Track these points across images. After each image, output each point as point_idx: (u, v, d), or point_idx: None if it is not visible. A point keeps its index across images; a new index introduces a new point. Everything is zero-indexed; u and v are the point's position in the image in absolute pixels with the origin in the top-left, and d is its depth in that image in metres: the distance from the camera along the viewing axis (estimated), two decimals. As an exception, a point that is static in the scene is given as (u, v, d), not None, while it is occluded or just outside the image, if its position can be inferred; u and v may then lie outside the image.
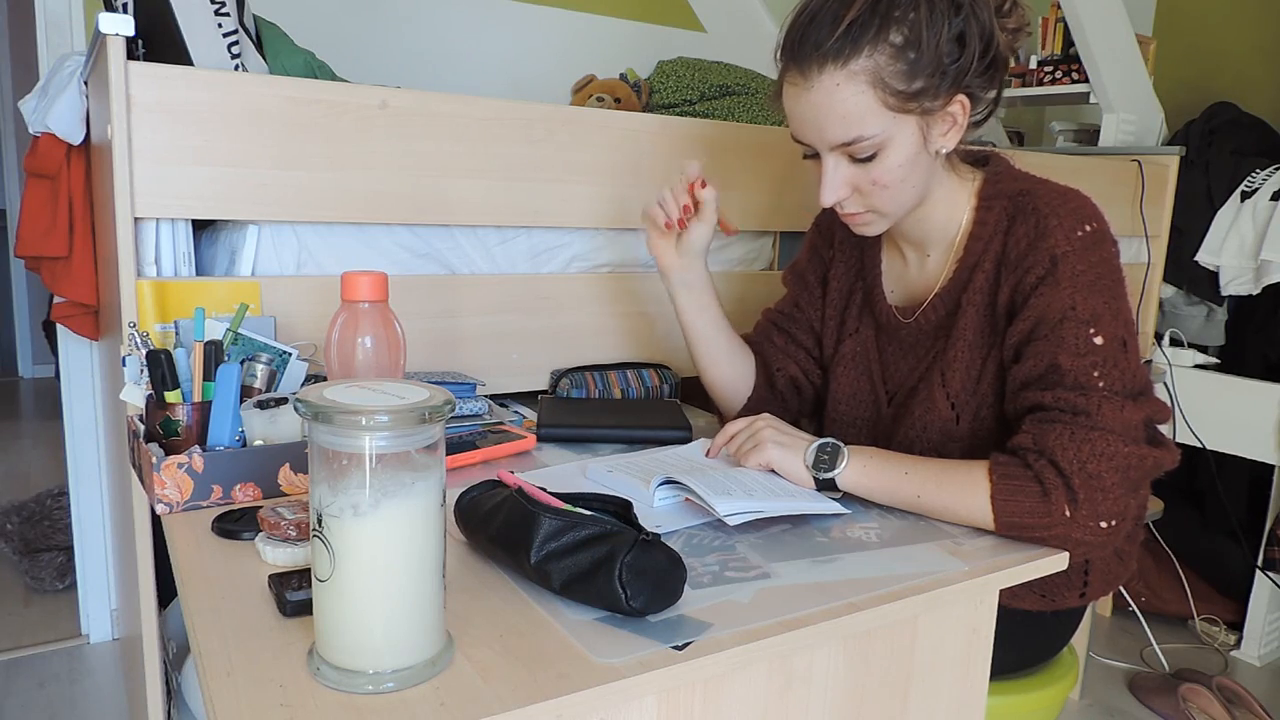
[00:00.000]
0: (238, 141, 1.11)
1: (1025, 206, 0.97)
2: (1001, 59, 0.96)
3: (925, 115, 0.93)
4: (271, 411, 0.93)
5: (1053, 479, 0.86)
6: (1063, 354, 0.91)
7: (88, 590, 2.08)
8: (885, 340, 1.13)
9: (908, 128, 0.93)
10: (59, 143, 1.52)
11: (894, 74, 0.90)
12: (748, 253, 1.62)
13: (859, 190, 0.98)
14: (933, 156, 0.97)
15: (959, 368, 1.02)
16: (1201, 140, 2.17)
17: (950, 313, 1.04)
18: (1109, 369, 0.90)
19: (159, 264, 1.12)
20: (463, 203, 1.27)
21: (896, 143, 0.93)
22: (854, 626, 0.71)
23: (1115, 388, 0.90)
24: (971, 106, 0.96)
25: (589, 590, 0.67)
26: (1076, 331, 0.91)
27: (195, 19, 1.21)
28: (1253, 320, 2.17)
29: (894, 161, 0.94)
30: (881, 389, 1.13)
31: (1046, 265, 0.93)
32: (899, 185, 0.96)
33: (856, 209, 1.00)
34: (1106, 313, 0.92)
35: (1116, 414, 0.88)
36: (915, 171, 0.96)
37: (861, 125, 0.92)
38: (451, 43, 2.19)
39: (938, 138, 0.96)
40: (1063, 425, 0.88)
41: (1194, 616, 2.23)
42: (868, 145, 0.93)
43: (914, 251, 1.10)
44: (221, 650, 0.62)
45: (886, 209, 0.99)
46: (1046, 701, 1.14)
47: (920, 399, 1.05)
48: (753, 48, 2.56)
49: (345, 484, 0.57)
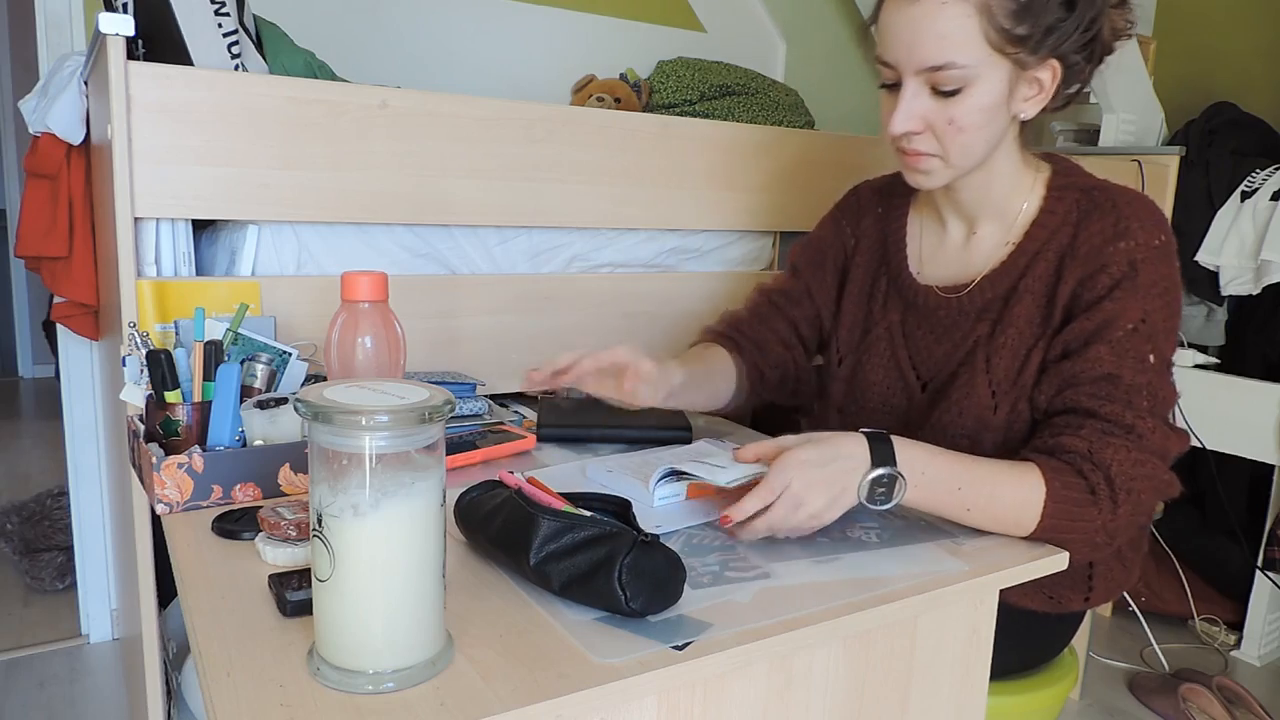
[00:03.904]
0: (238, 141, 1.11)
1: (1102, 202, 0.95)
2: (1101, 43, 0.95)
3: (1017, 67, 0.91)
4: (271, 411, 0.93)
5: (1104, 490, 0.86)
6: (1125, 367, 0.90)
7: (88, 590, 2.08)
8: (915, 322, 1.08)
9: (998, 72, 0.91)
10: (59, 143, 1.52)
11: (1003, 10, 0.88)
12: (748, 253, 1.62)
13: (932, 128, 0.94)
14: (1010, 119, 0.96)
15: (1006, 355, 0.99)
16: (1201, 140, 2.17)
17: (1003, 297, 1.01)
18: (1155, 391, 0.91)
19: (159, 264, 1.12)
20: (463, 203, 1.27)
21: (983, 84, 0.90)
22: (854, 626, 0.71)
23: (1158, 411, 0.90)
24: (1060, 81, 0.94)
25: (588, 591, 0.67)
26: (1141, 347, 0.91)
27: (195, 19, 1.21)
28: (1253, 320, 2.16)
29: (976, 104, 0.91)
30: (912, 374, 1.08)
31: (1125, 268, 0.92)
32: (973, 132, 0.93)
33: (924, 148, 0.96)
34: (1164, 332, 0.92)
35: (1161, 440, 0.89)
36: (992, 125, 0.94)
37: (956, 50, 0.89)
38: (451, 43, 2.19)
39: (1021, 100, 0.94)
40: (1119, 440, 0.88)
41: (1194, 616, 2.23)
42: (956, 76, 0.90)
43: (960, 225, 1.07)
44: (221, 650, 0.62)
45: (953, 157, 0.95)
46: (1046, 702, 1.14)
47: (960, 384, 1.01)
48: (753, 48, 2.56)
49: (345, 484, 0.57)
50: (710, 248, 1.58)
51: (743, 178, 1.52)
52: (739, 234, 1.59)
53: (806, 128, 2.15)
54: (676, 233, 1.53)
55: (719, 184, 1.50)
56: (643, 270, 1.51)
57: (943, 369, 1.05)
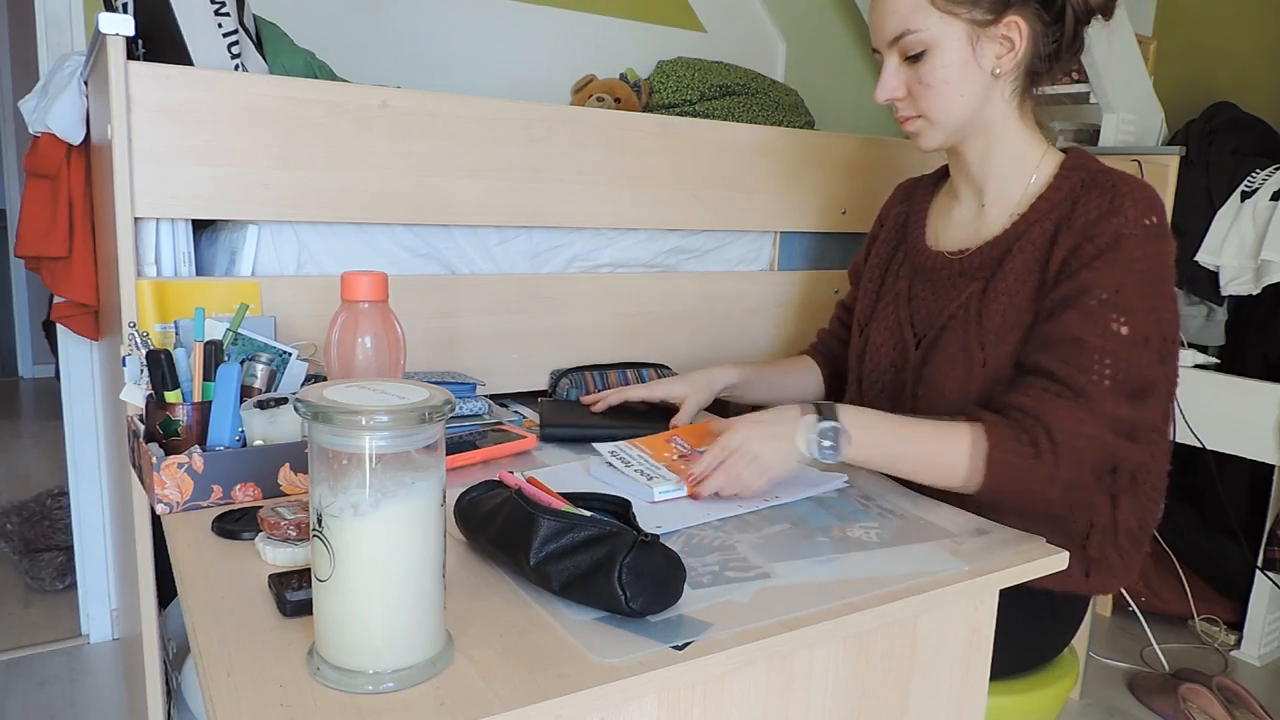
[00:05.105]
0: (238, 141, 1.11)
1: (1103, 182, 1.01)
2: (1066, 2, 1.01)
3: (975, 26, 1.00)
4: (271, 411, 0.93)
5: (1045, 444, 0.93)
6: (1090, 333, 0.95)
7: (88, 590, 2.08)
8: (920, 284, 1.16)
9: (955, 31, 1.00)
10: (59, 143, 1.52)
11: None
12: (748, 253, 1.62)
13: (911, 92, 1.05)
14: (988, 77, 1.03)
15: (995, 311, 1.04)
16: (1201, 140, 2.17)
17: (999, 259, 1.07)
18: (1121, 361, 0.95)
19: (159, 264, 1.12)
20: (463, 203, 1.27)
21: (943, 45, 1.01)
22: (854, 626, 0.71)
23: (1119, 380, 0.95)
24: (1030, 38, 1.01)
25: (588, 591, 0.67)
26: (1111, 316, 0.95)
27: (195, 19, 1.21)
28: (1253, 320, 2.16)
29: (940, 62, 1.01)
30: (909, 332, 1.15)
31: (1109, 240, 0.97)
32: (943, 88, 1.02)
33: (909, 112, 1.07)
34: (1141, 307, 0.96)
35: (1114, 407, 0.94)
36: (965, 82, 1.02)
37: (909, 19, 1.00)
38: (451, 43, 2.19)
39: (993, 58, 1.02)
40: (1068, 400, 0.94)
41: (1194, 616, 2.23)
42: (915, 40, 1.01)
43: (972, 197, 1.13)
44: (221, 650, 0.62)
45: (934, 115, 1.04)
46: (1046, 701, 1.14)
47: (950, 336, 1.07)
48: (753, 48, 2.56)
49: (345, 484, 0.57)
50: (710, 248, 1.58)
51: (743, 178, 1.52)
52: (739, 234, 1.59)
53: (806, 128, 2.15)
54: (676, 233, 1.53)
55: (719, 184, 1.50)
56: (643, 270, 1.51)
57: (936, 323, 1.11)
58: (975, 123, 1.06)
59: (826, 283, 1.66)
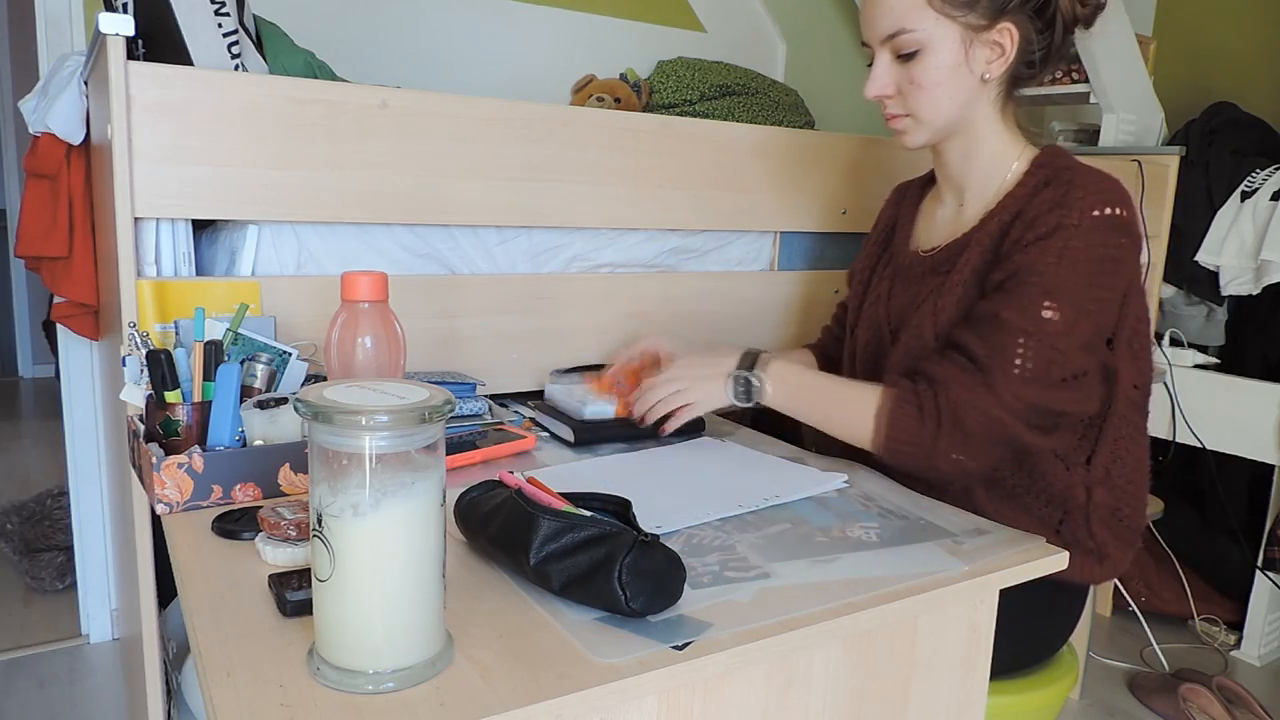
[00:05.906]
0: (238, 141, 1.11)
1: (1062, 177, 1.02)
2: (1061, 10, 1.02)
3: (969, 30, 1.01)
4: (271, 411, 0.93)
5: (930, 409, 0.97)
6: (1009, 312, 0.97)
7: (88, 590, 2.08)
8: (899, 283, 1.18)
9: (949, 33, 1.01)
10: (59, 143, 1.52)
11: None
12: (748, 253, 1.62)
13: (900, 91, 1.06)
14: (978, 81, 1.04)
15: (951, 300, 1.06)
16: (1201, 140, 2.17)
17: (959, 252, 1.09)
18: (1036, 346, 0.96)
19: (159, 264, 1.12)
20: (463, 203, 1.27)
21: (936, 46, 1.01)
22: (854, 626, 0.71)
23: (1028, 366, 0.96)
24: (1020, 44, 1.02)
25: (588, 592, 0.67)
26: (1035, 298, 0.96)
27: (195, 19, 1.21)
28: (1253, 320, 2.17)
29: (932, 63, 1.02)
30: (886, 330, 1.18)
31: (1049, 229, 0.98)
32: (933, 89, 1.03)
33: (897, 110, 1.08)
34: (1072, 293, 0.96)
35: (1017, 387, 0.96)
36: (954, 84, 1.03)
37: (905, 17, 1.01)
38: (451, 43, 2.19)
39: (983, 62, 1.03)
40: (968, 374, 0.98)
41: (1194, 616, 2.23)
42: (909, 40, 1.01)
43: (953, 196, 1.16)
44: (221, 650, 0.62)
45: (923, 115, 1.05)
46: (1046, 701, 1.14)
47: (911, 327, 1.10)
48: (753, 48, 2.56)
49: (345, 484, 0.57)
50: (710, 248, 1.58)
51: (743, 178, 1.52)
52: (739, 234, 1.59)
53: (806, 128, 2.15)
54: (676, 233, 1.52)
55: (719, 184, 1.50)
56: (643, 270, 1.51)
57: (904, 317, 1.14)
58: (959, 124, 1.08)
59: (827, 283, 1.66)
